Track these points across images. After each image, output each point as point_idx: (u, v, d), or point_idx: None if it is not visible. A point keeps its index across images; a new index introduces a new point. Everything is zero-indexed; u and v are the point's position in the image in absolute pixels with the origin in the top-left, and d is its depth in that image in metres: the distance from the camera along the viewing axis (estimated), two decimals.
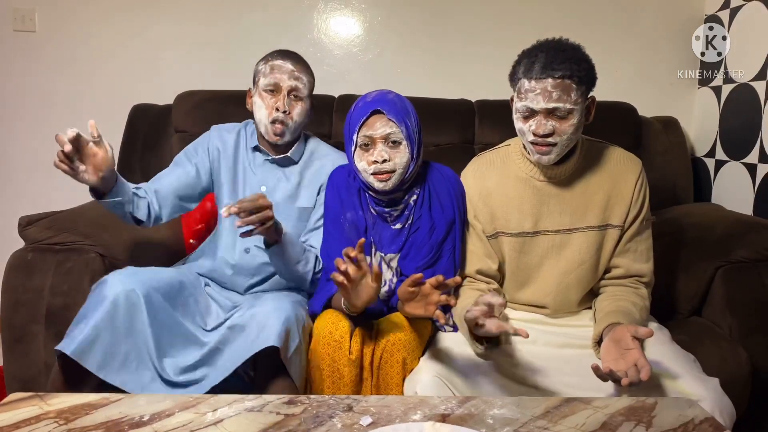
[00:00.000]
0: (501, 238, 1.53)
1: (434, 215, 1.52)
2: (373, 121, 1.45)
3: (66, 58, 2.41)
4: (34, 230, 1.71)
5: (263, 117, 1.62)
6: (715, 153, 2.38)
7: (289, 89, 1.62)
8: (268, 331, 1.34)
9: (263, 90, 1.62)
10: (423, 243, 1.51)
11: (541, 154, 1.39)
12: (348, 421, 1.01)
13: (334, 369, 1.38)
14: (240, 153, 1.71)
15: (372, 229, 1.54)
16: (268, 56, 1.66)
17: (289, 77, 1.62)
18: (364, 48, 2.47)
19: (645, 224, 1.51)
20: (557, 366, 1.38)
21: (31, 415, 1.01)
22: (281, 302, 1.44)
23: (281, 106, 1.60)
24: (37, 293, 1.64)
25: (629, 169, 1.48)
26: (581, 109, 1.37)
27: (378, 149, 1.45)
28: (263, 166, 1.70)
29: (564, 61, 1.32)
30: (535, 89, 1.34)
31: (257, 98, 1.64)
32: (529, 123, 1.38)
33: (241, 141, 1.73)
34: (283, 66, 1.62)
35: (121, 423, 0.99)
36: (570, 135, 1.37)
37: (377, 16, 2.46)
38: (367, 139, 1.45)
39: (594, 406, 1.08)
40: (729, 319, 1.65)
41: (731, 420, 1.23)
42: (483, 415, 1.04)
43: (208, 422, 1.00)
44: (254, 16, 2.41)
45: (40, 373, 1.65)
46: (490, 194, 1.53)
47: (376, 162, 1.44)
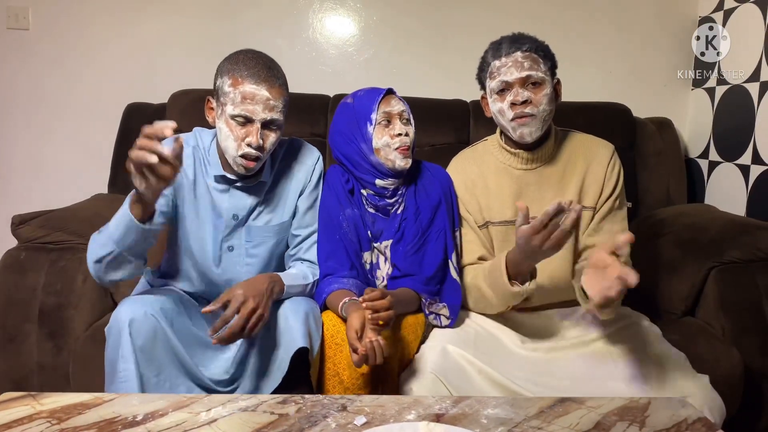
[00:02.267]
0: (490, 227, 1.56)
1: (419, 200, 1.54)
2: (389, 99, 1.52)
3: (60, 56, 2.40)
4: (27, 229, 1.71)
5: (230, 148, 1.38)
6: (708, 154, 2.39)
7: (264, 122, 1.37)
8: (293, 334, 1.31)
9: (231, 118, 1.36)
10: (410, 225, 1.53)
11: (523, 126, 1.44)
12: (342, 421, 1.01)
13: (335, 372, 1.38)
14: (198, 175, 1.47)
15: (372, 225, 1.55)
16: (233, 69, 1.36)
17: (264, 108, 1.35)
18: (360, 48, 2.47)
19: (618, 205, 1.53)
20: (548, 369, 1.39)
21: (24, 415, 1.00)
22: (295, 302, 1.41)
23: (254, 141, 1.35)
24: (30, 292, 1.64)
25: (601, 152, 1.53)
26: (551, 84, 1.46)
27: (398, 124, 1.50)
28: (231, 192, 1.47)
29: (527, 38, 1.47)
30: (506, 63, 1.44)
31: (223, 125, 1.38)
32: (506, 98, 1.45)
33: (197, 161, 1.47)
34: (257, 94, 1.34)
35: (115, 423, 0.99)
36: (545, 106, 1.44)
37: (372, 15, 2.46)
38: (386, 116, 1.50)
39: (588, 406, 1.08)
40: (722, 319, 1.66)
41: (721, 417, 1.24)
42: (477, 415, 1.04)
43: (202, 422, 1.00)
44: (249, 16, 2.41)
45: (32, 372, 1.64)
46: (474, 185, 1.56)
47: (400, 135, 1.48)
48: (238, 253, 1.50)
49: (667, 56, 2.50)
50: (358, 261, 1.53)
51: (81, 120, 2.42)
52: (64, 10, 2.38)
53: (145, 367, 1.27)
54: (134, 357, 1.25)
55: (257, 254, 1.52)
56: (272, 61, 1.42)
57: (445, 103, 2.27)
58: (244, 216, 1.48)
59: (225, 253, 1.49)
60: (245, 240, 1.50)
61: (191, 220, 1.47)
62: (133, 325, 1.26)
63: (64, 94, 2.42)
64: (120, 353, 1.25)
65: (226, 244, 1.49)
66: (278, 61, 1.44)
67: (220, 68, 1.41)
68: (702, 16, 2.44)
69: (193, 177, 1.46)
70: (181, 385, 1.34)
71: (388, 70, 2.46)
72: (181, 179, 1.44)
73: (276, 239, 1.54)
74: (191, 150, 1.47)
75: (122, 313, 1.27)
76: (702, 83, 2.43)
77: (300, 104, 2.22)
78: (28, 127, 2.42)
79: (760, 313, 1.64)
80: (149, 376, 1.28)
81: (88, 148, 2.39)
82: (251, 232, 1.50)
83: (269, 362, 1.37)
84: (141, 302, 1.31)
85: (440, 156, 1.97)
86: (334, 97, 2.26)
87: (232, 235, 1.49)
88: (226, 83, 1.37)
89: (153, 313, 1.29)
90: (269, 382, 1.34)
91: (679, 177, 2.28)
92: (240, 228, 1.49)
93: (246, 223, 1.49)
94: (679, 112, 2.51)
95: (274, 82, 1.37)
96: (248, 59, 1.38)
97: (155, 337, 1.29)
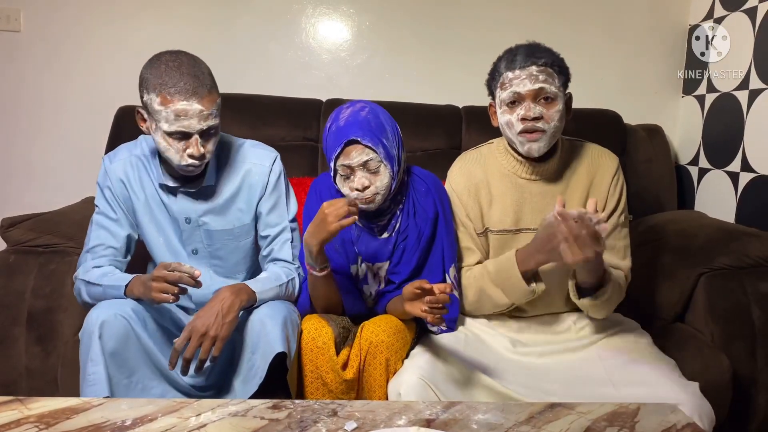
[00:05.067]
0: (489, 234, 1.55)
1: (419, 221, 1.52)
2: (349, 151, 1.41)
3: (52, 58, 2.39)
4: (16, 232, 1.69)
5: (173, 159, 1.38)
6: (698, 161, 2.40)
7: (201, 132, 1.36)
8: (271, 339, 1.31)
9: (167, 135, 1.35)
10: (414, 250, 1.51)
11: (531, 141, 1.41)
12: (332, 426, 1.01)
13: (317, 376, 1.38)
14: (147, 185, 1.50)
15: (357, 241, 1.54)
16: (160, 86, 1.32)
17: (199, 121, 1.34)
18: (353, 53, 2.47)
19: (623, 221, 1.53)
20: (539, 373, 1.40)
21: (11, 420, 0.99)
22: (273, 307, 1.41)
23: (195, 152, 1.36)
24: (19, 296, 1.63)
25: (605, 165, 1.52)
26: (563, 100, 1.43)
27: (358, 177, 1.42)
28: (178, 197, 1.50)
29: (544, 51, 1.42)
30: (520, 76, 1.40)
31: (161, 139, 1.36)
32: (516, 111, 1.42)
33: (143, 171, 1.50)
34: (189, 109, 1.32)
35: (103, 427, 0.98)
36: (556, 123, 1.41)
37: (365, 21, 2.46)
38: (346, 169, 1.43)
39: (578, 411, 1.08)
40: (711, 325, 1.66)
41: (711, 424, 1.24)
42: (467, 420, 1.04)
43: (192, 427, 1.00)
44: (242, 20, 2.41)
45: (20, 376, 1.63)
46: (478, 189, 1.54)
47: (358, 190, 1.42)
48: (202, 255, 1.54)
49: (658, 64, 2.51)
50: (344, 271, 1.53)
51: (72, 123, 2.41)
52: (56, 13, 2.37)
53: (116, 370, 1.28)
54: (103, 360, 1.26)
55: (221, 256, 1.54)
56: (195, 65, 1.37)
57: (437, 109, 2.28)
58: (196, 219, 1.50)
59: (190, 255, 1.53)
60: (206, 243, 1.53)
61: (153, 231, 1.52)
62: (103, 327, 1.27)
63: (55, 96, 2.40)
64: (89, 356, 1.26)
65: (189, 247, 1.53)
66: (271, 65, 1.44)
67: (143, 80, 1.36)
68: (692, 25, 2.46)
69: (143, 192, 1.50)
70: (155, 388, 1.34)
71: (381, 75, 2.46)
72: (134, 201, 1.50)
73: (237, 242, 1.55)
74: (135, 164, 1.50)
75: (93, 316, 1.29)
76: (692, 90, 2.45)
77: (292, 109, 2.22)
78: (19, 129, 2.41)
79: (748, 319, 1.64)
80: (120, 379, 1.29)
81: (80, 151, 2.37)
82: (210, 235, 1.52)
83: (247, 367, 1.37)
84: (112, 305, 1.32)
85: (432, 161, 1.98)
86: (327, 102, 2.26)
87: (191, 238, 1.52)
88: (154, 101, 1.33)
89: (124, 314, 1.30)
90: (247, 387, 1.34)
91: (669, 184, 2.30)
92: (197, 231, 1.52)
93: (202, 226, 1.51)
94: (670, 120, 2.53)
95: (203, 91, 1.34)
96: (171, 70, 1.33)
97: (127, 339, 1.30)
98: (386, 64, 2.47)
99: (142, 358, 1.32)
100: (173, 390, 1.36)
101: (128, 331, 1.30)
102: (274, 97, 2.23)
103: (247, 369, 1.36)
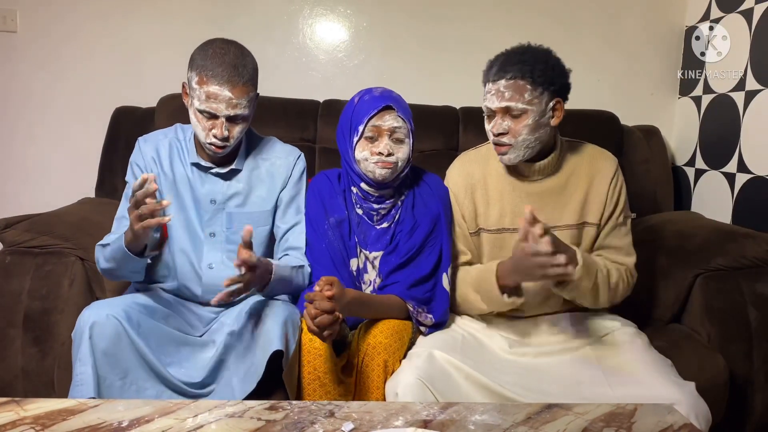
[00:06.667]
0: (482, 234, 1.56)
1: (417, 213, 1.55)
2: (383, 114, 1.48)
3: (48, 59, 2.38)
4: (12, 233, 1.69)
5: (200, 135, 1.48)
6: (695, 162, 2.41)
7: (228, 117, 1.45)
8: (270, 337, 1.33)
9: (198, 112, 1.45)
10: (405, 240, 1.54)
11: (500, 154, 1.47)
12: (330, 427, 1.01)
13: (316, 377, 1.38)
14: (177, 166, 1.57)
15: (357, 229, 1.56)
16: (201, 67, 1.42)
17: (227, 107, 1.43)
18: (350, 53, 2.47)
19: (623, 221, 1.54)
20: (536, 373, 1.40)
21: (7, 421, 0.99)
22: (276, 306, 1.43)
23: (219, 134, 1.45)
24: (15, 297, 1.62)
25: (605, 167, 1.53)
26: (538, 110, 1.42)
27: (384, 142, 1.48)
28: (207, 178, 1.56)
29: (516, 63, 1.41)
30: (491, 90, 1.43)
31: (192, 115, 1.48)
32: (490, 123, 1.46)
33: (174, 152, 1.57)
34: (220, 94, 1.41)
35: (100, 429, 0.98)
36: (525, 136, 1.42)
37: (363, 21, 2.46)
38: (374, 131, 1.48)
39: (575, 412, 1.08)
40: (707, 326, 1.67)
41: (707, 424, 1.24)
42: (465, 421, 1.04)
43: (189, 428, 0.99)
44: (239, 21, 2.41)
45: (16, 378, 1.63)
46: (475, 189, 1.56)
47: (381, 153, 1.47)
48: (219, 239, 1.56)
49: (655, 65, 2.52)
50: (344, 269, 1.54)
51: (69, 123, 2.40)
52: (52, 13, 2.37)
53: (108, 371, 1.28)
54: (92, 360, 1.26)
55: (238, 240, 1.53)
56: (241, 56, 1.46)
57: (434, 110, 2.28)
58: (221, 201, 1.56)
59: (207, 238, 1.55)
60: (225, 226, 1.56)
61: (174, 210, 1.54)
62: (94, 328, 1.27)
63: (51, 97, 2.40)
64: (78, 356, 1.27)
65: (208, 230, 1.55)
66: (268, 66, 1.46)
67: (192, 58, 1.47)
68: (689, 26, 2.46)
69: (171, 173, 1.56)
70: (150, 389, 1.34)
71: (378, 75, 2.46)
72: (161, 180, 1.55)
73: (255, 228, 1.54)
74: (168, 145, 1.58)
75: (85, 317, 1.29)
76: (689, 91, 2.46)
77: (290, 110, 2.22)
78: (15, 130, 2.40)
79: (745, 320, 1.65)
80: (113, 380, 1.29)
81: (76, 152, 2.37)
82: (231, 218, 1.56)
83: (245, 365, 1.37)
84: (104, 305, 1.33)
85: (429, 162, 1.98)
86: (324, 103, 2.26)
87: (212, 220, 1.56)
88: (194, 79, 1.45)
89: (115, 315, 1.30)
90: (244, 385, 1.34)
91: (665, 184, 2.30)
92: (219, 214, 1.55)
93: (225, 209, 1.56)
94: (666, 121, 2.53)
95: (237, 81, 1.43)
96: (216, 56, 1.43)
97: (119, 339, 1.30)
98: (383, 64, 2.47)
99: (136, 358, 1.32)
100: (168, 390, 1.36)
101: (120, 332, 1.30)
102: (271, 98, 2.23)
103: (246, 366, 1.37)
